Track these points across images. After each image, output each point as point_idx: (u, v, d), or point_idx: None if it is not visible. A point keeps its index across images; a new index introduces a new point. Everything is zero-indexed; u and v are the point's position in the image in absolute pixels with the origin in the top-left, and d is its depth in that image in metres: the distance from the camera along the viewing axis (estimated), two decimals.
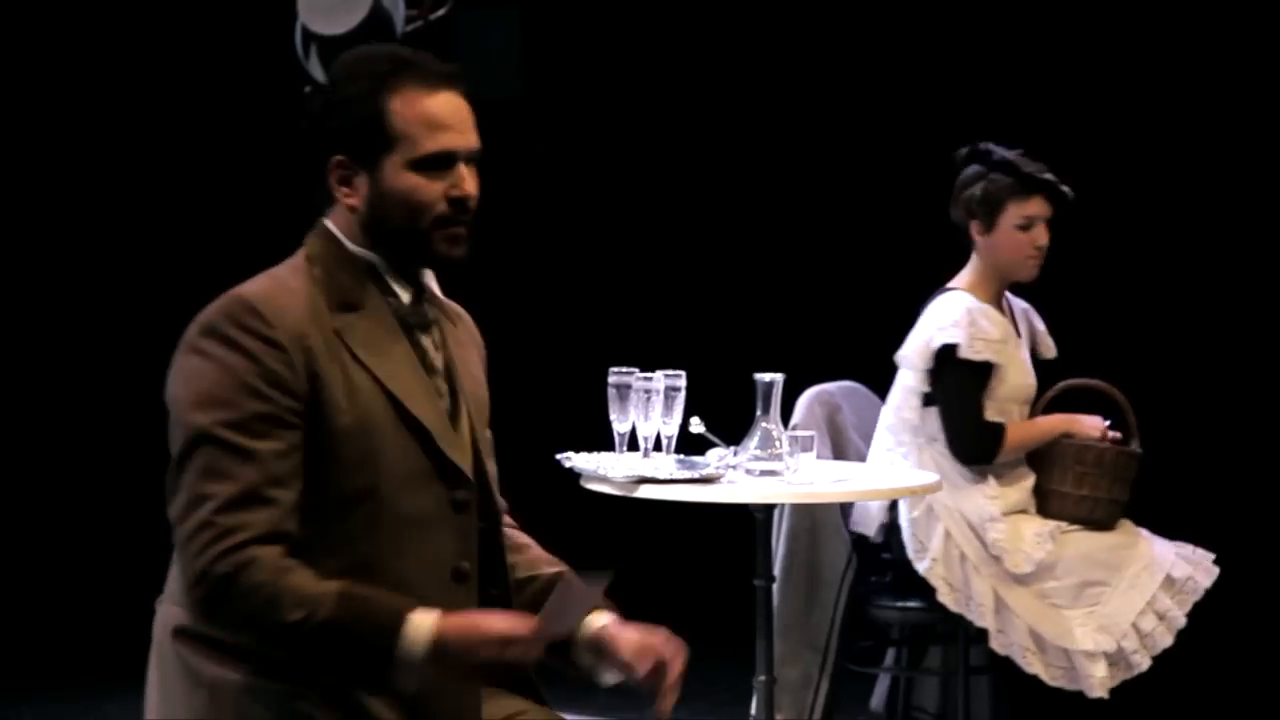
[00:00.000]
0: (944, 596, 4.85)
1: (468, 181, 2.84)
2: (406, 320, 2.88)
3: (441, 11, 4.24)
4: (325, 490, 2.74)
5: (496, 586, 2.95)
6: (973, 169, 4.98)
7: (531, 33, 7.40)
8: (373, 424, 2.77)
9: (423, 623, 2.67)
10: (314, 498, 2.74)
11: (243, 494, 2.67)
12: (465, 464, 2.87)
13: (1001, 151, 4.95)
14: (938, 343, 4.87)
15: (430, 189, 2.81)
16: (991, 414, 4.92)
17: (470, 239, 2.86)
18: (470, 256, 2.88)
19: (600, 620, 2.89)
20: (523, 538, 3.10)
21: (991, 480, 4.88)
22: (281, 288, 2.79)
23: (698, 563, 6.69)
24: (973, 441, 4.87)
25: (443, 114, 2.82)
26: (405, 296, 2.88)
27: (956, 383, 4.87)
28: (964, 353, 4.84)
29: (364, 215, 2.83)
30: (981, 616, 4.82)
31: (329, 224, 2.87)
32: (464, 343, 3.01)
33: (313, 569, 2.69)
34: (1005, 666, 4.90)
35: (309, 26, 4.11)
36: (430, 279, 2.96)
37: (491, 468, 2.98)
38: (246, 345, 2.71)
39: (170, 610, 2.81)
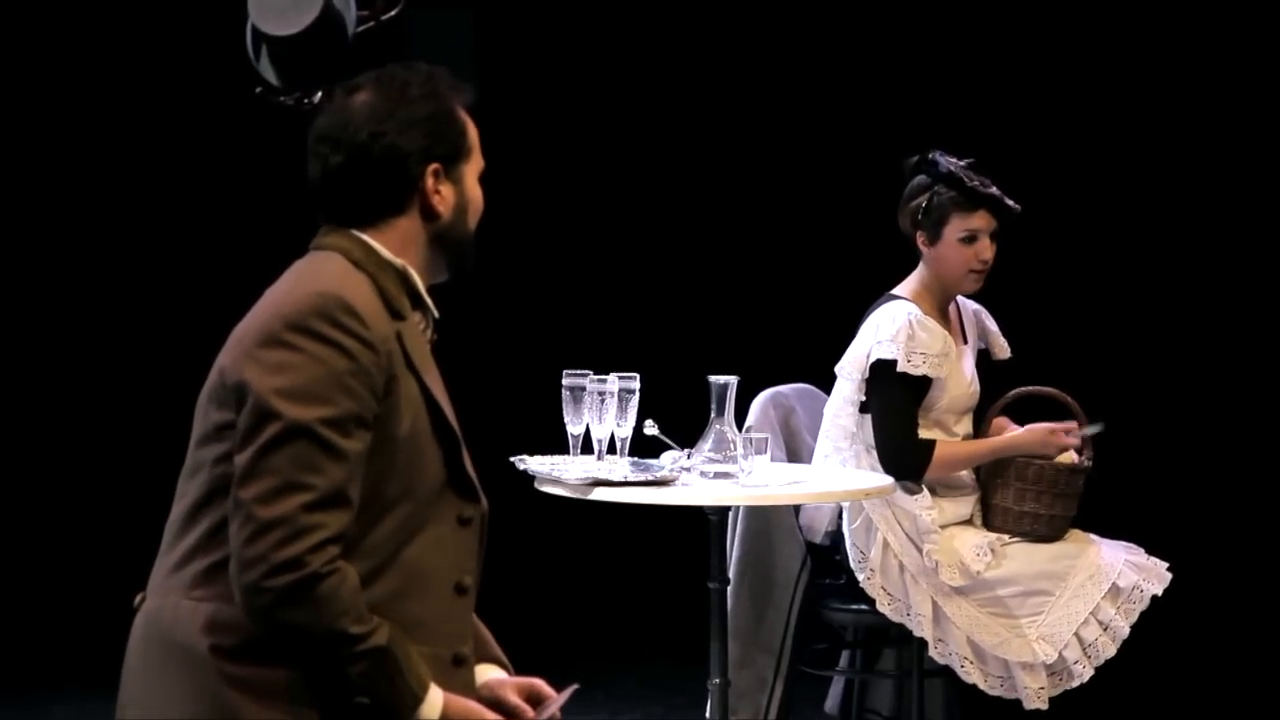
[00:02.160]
0: (883, 607, 4.84)
1: None
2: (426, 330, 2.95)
3: (394, 12, 4.21)
4: (373, 494, 2.78)
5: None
6: (919, 180, 4.94)
7: (485, 33, 7.37)
8: (417, 431, 2.83)
9: (436, 695, 2.78)
10: (362, 500, 2.77)
11: (333, 492, 2.71)
12: (476, 480, 2.93)
13: (949, 163, 4.90)
14: (875, 356, 4.84)
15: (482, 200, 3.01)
16: (929, 425, 4.90)
17: None
18: None
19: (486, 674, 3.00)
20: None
21: (926, 493, 4.85)
22: (358, 288, 2.81)
23: (652, 565, 6.67)
24: (900, 459, 4.83)
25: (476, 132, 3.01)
26: (431, 307, 2.94)
27: (890, 398, 4.84)
28: (902, 367, 4.81)
29: (446, 222, 2.93)
30: (920, 627, 4.81)
31: (358, 234, 2.89)
32: None
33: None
34: None
35: (259, 27, 4.08)
36: None
37: None
38: (344, 344, 2.74)
39: (187, 606, 2.77)
